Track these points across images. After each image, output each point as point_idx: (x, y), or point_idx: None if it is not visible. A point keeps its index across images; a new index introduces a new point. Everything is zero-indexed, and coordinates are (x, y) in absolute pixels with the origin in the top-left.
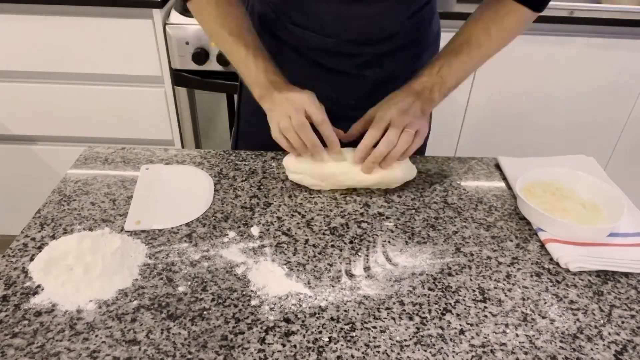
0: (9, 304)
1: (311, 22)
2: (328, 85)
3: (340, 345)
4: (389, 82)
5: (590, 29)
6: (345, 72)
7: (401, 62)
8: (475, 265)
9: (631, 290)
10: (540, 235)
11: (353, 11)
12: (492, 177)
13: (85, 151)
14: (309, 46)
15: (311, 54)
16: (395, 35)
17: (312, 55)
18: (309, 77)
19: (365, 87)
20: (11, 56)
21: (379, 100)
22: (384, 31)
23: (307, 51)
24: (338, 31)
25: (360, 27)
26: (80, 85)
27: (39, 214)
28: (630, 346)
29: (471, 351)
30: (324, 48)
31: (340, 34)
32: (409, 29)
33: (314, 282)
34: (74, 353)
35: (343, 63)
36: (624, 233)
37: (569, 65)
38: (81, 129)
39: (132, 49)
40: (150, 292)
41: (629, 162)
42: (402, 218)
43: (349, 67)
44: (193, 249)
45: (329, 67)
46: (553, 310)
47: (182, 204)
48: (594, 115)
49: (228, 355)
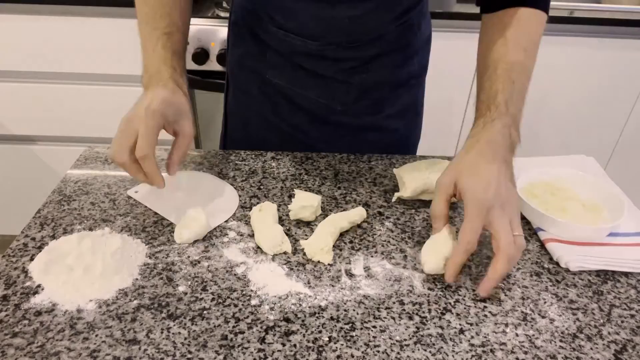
0: (9, 303)
1: (294, 24)
2: (314, 90)
3: (340, 345)
4: (376, 87)
5: (590, 29)
6: (330, 77)
7: (388, 67)
8: (475, 265)
9: (631, 290)
10: (540, 235)
11: (336, 12)
12: None
13: (85, 151)
14: (293, 50)
15: (295, 58)
16: (381, 38)
17: (296, 60)
18: (294, 81)
19: (352, 93)
20: (11, 56)
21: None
22: (368, 34)
23: (291, 55)
24: (321, 34)
25: (344, 29)
26: (80, 85)
27: (39, 214)
28: (629, 346)
29: (471, 351)
30: (307, 52)
31: (324, 37)
32: (396, 33)
33: (314, 282)
34: (74, 353)
35: (328, 68)
36: (624, 233)
37: (569, 65)
38: (81, 129)
39: (132, 49)
40: (150, 292)
41: (629, 162)
42: (402, 218)
43: (334, 72)
44: (193, 249)
45: (313, 71)
46: (553, 309)
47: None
48: (594, 115)
49: (228, 354)
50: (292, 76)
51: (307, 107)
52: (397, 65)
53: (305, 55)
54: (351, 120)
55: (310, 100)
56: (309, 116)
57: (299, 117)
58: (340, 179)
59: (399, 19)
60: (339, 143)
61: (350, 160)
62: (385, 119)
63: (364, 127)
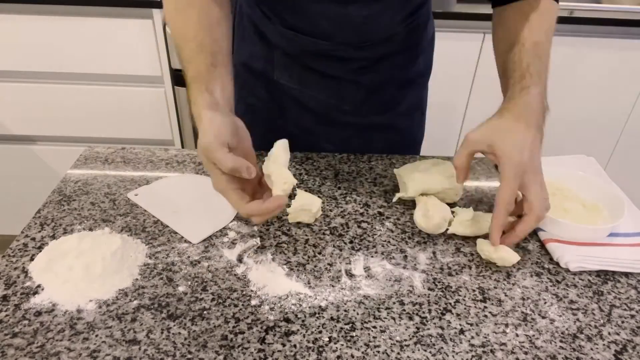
0: (9, 303)
1: (305, 24)
2: (322, 91)
3: (340, 345)
4: (384, 87)
5: (590, 29)
6: (339, 77)
7: (397, 66)
8: (475, 265)
9: (631, 290)
10: (540, 235)
11: (348, 12)
12: (492, 177)
13: (85, 151)
14: (303, 50)
15: (305, 58)
16: (390, 38)
17: (305, 60)
18: (303, 82)
19: (360, 93)
20: (11, 56)
21: (375, 105)
22: (378, 34)
23: (301, 56)
24: (332, 34)
25: (355, 29)
26: (80, 85)
27: (39, 214)
28: (630, 346)
29: (471, 351)
30: (317, 52)
31: (335, 37)
32: (404, 33)
33: (314, 282)
34: (74, 353)
35: (337, 68)
36: (624, 233)
37: (569, 65)
38: (81, 129)
39: (132, 49)
40: (150, 292)
41: (629, 162)
42: (402, 218)
43: (343, 72)
44: (193, 249)
45: (323, 72)
46: (553, 310)
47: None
48: (593, 115)
49: (228, 355)
50: (300, 77)
51: (316, 108)
52: (405, 64)
53: (315, 55)
54: (359, 120)
55: (318, 101)
56: (317, 117)
57: (307, 118)
58: (340, 179)
59: (408, 18)
60: (347, 143)
61: (350, 160)
62: (393, 117)
63: (372, 127)
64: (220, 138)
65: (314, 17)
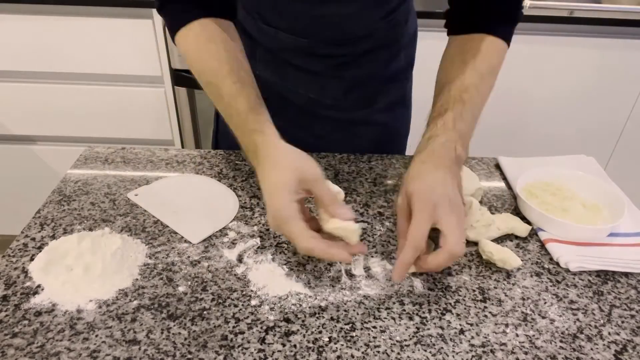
0: (9, 304)
1: (284, 22)
2: (304, 86)
3: (340, 345)
4: (366, 82)
5: (590, 29)
6: (320, 73)
7: (378, 62)
8: (475, 265)
9: (631, 290)
10: (540, 235)
11: (327, 10)
12: (492, 177)
13: (85, 151)
14: (283, 47)
15: (285, 54)
16: (370, 36)
17: (286, 56)
18: (284, 77)
19: (342, 88)
20: (11, 56)
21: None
22: (358, 31)
23: (282, 52)
24: (312, 31)
25: (334, 26)
26: (80, 85)
27: (39, 214)
28: (630, 346)
29: (471, 351)
30: (298, 48)
31: (314, 34)
32: (384, 30)
33: (314, 282)
34: (74, 353)
35: (318, 64)
36: (624, 233)
37: (568, 65)
38: (81, 129)
39: (132, 49)
40: (150, 292)
41: (629, 162)
42: None
43: (324, 68)
44: (193, 249)
45: (304, 67)
46: (553, 310)
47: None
48: (594, 115)
49: (228, 355)
50: (282, 72)
51: (298, 102)
52: (386, 60)
53: (295, 52)
54: (341, 115)
55: (300, 96)
56: (300, 112)
57: (290, 113)
58: (340, 179)
59: (388, 15)
60: (330, 137)
61: (350, 160)
62: (374, 112)
63: (354, 122)
64: (301, 173)
65: (294, 15)
